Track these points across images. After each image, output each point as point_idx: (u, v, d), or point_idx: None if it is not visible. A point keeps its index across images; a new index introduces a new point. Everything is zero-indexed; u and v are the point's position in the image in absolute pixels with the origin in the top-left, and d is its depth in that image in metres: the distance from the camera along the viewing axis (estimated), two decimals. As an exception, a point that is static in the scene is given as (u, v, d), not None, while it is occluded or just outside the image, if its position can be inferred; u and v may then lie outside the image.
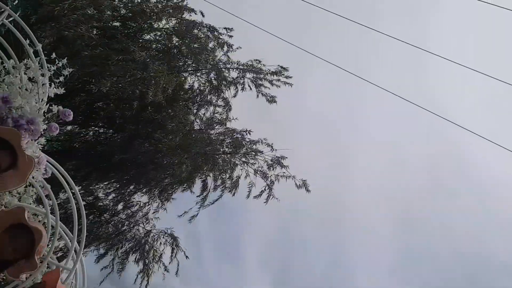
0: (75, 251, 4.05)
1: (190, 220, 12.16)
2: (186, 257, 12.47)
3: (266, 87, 11.72)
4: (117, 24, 10.95)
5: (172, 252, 12.50)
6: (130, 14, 10.92)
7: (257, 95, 11.70)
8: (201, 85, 11.77)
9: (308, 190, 11.66)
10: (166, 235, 12.56)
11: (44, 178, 3.88)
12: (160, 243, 12.53)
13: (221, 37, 11.44)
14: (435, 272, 20.13)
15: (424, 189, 20.80)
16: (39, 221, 3.80)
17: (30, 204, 3.83)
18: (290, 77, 11.68)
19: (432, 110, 9.40)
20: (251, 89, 11.74)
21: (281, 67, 11.66)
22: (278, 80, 11.66)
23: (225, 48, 11.41)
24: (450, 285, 19.92)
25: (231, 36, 11.42)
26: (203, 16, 11.45)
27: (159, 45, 11.37)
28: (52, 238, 3.83)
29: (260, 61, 11.67)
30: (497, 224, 19.65)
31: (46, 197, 3.86)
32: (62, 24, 9.12)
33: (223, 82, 11.45)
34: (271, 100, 11.81)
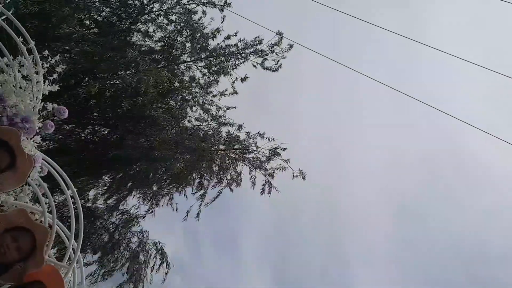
0: (73, 249, 4.05)
1: (197, 218, 12.09)
2: (166, 273, 12.35)
3: (273, 60, 11.56)
4: (108, 15, 10.78)
5: (161, 265, 12.36)
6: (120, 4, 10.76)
7: (265, 68, 11.50)
8: (201, 73, 11.60)
9: (304, 177, 11.55)
10: (156, 248, 12.41)
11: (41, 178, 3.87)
12: (150, 255, 12.39)
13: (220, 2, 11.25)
14: (432, 263, 20.28)
15: (422, 182, 20.91)
16: (35, 220, 3.78)
17: (27, 202, 3.82)
18: (292, 45, 11.51)
19: (430, 104, 9.40)
20: (255, 67, 11.54)
21: (279, 34, 11.47)
22: (282, 50, 11.50)
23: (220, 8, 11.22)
24: (447, 276, 20.08)
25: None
26: None
27: (158, 33, 11.22)
28: (50, 237, 3.83)
29: (258, 37, 11.52)
30: (494, 216, 19.80)
31: (43, 196, 3.85)
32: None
33: (224, 64, 11.28)
34: (276, 69, 11.62)
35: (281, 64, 11.60)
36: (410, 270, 20.70)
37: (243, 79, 11.71)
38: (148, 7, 10.99)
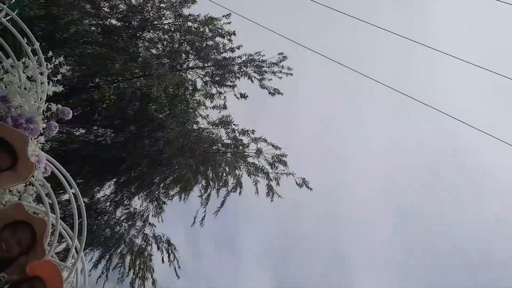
0: (76, 249, 4.06)
1: (201, 223, 12.13)
2: (178, 266, 12.35)
3: (269, 79, 11.78)
4: (116, 22, 10.93)
5: (169, 258, 12.37)
6: (129, 13, 10.89)
7: (261, 87, 11.75)
8: (203, 80, 11.75)
9: (309, 188, 11.69)
10: (162, 241, 12.42)
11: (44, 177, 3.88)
12: (158, 248, 12.39)
13: (220, 26, 11.47)
14: (434, 267, 20.22)
15: (424, 184, 20.87)
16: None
17: (30, 202, 3.83)
18: (291, 69, 11.78)
19: (431, 105, 9.39)
20: (252, 82, 11.76)
21: (281, 54, 11.68)
22: (280, 71, 11.73)
23: (226, 37, 11.44)
24: (449, 281, 20.02)
25: (229, 23, 11.47)
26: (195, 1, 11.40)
27: (163, 41, 11.34)
28: (53, 237, 3.83)
29: (260, 53, 11.72)
30: (496, 220, 19.75)
31: (46, 196, 3.86)
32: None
33: (227, 76, 11.46)
34: (274, 92, 11.85)
35: (278, 92, 11.85)
36: (411, 274, 20.66)
37: (243, 96, 11.93)
38: (155, 21, 11.16)
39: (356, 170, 19.75)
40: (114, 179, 11.85)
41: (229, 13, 11.43)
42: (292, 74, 11.88)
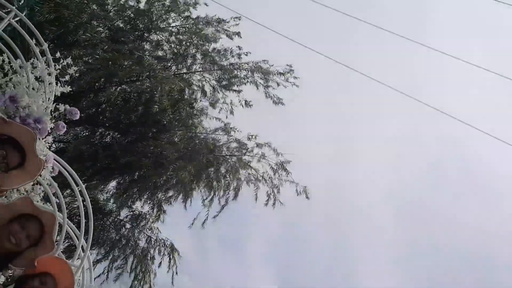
0: (82, 248, 4.10)
1: (203, 225, 12.15)
2: (176, 273, 12.31)
3: (274, 88, 11.81)
4: (122, 25, 10.95)
5: (169, 263, 12.32)
6: (134, 15, 10.92)
7: (266, 96, 11.82)
8: (209, 84, 11.78)
9: (307, 197, 11.77)
10: (165, 245, 12.37)
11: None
12: (159, 252, 12.34)
13: (228, 28, 11.51)
14: (438, 266, 20.16)
15: (428, 184, 20.82)
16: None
17: (37, 202, 3.86)
18: (297, 78, 11.80)
19: (435, 106, 9.40)
20: (258, 89, 11.80)
21: (289, 66, 11.73)
22: (286, 80, 11.75)
23: (234, 38, 11.47)
24: (453, 279, 19.95)
25: (237, 24, 11.49)
26: (206, 5, 11.43)
27: (169, 44, 11.38)
28: (60, 236, 3.87)
29: (267, 61, 11.74)
30: (500, 219, 19.66)
31: (53, 195, 3.90)
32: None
33: (232, 80, 11.50)
34: (278, 101, 11.90)
35: (282, 101, 11.90)
36: (415, 275, 20.60)
37: (247, 104, 11.97)
38: (161, 22, 11.19)
39: (362, 172, 19.73)
40: (117, 180, 11.88)
41: (239, 17, 11.44)
42: (297, 86, 11.90)
